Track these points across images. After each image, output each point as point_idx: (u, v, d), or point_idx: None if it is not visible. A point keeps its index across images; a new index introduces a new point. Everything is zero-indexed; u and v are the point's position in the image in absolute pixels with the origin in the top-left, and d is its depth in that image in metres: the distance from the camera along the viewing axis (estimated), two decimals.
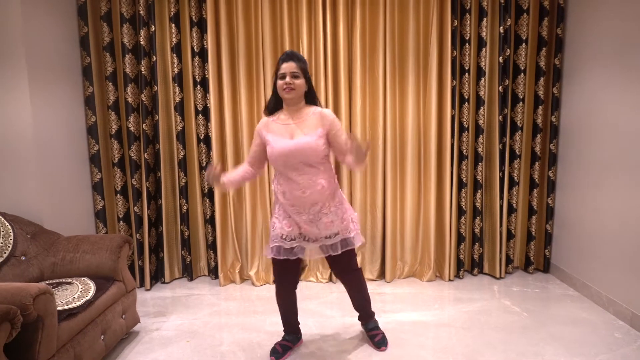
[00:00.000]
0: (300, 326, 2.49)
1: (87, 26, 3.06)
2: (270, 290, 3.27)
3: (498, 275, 3.39)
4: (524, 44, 3.22)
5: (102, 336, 2.21)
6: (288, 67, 2.03)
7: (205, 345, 2.48)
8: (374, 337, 2.44)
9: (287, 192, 2.09)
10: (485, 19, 3.14)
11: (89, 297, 2.13)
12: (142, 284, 3.31)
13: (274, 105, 2.18)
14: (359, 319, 2.55)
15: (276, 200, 2.20)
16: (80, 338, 2.03)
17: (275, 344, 2.39)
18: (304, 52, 3.14)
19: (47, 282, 2.29)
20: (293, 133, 2.08)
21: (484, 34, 3.15)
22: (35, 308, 1.70)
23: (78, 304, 2.04)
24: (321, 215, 2.12)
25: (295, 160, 2.04)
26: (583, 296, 3.05)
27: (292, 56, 2.06)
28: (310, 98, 2.16)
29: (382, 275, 3.45)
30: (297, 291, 2.38)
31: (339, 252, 2.18)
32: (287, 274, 2.27)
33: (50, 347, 1.80)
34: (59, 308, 1.93)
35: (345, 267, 2.32)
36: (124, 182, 3.27)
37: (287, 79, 2.02)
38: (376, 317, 2.55)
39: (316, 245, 2.20)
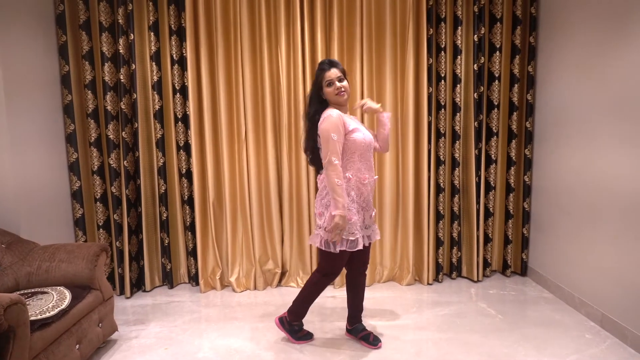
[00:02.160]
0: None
1: (66, 35, 3.07)
2: (250, 296, 3.28)
3: (476, 279, 3.45)
4: (498, 51, 3.30)
5: (78, 345, 2.21)
6: (333, 73, 2.21)
7: (182, 353, 2.49)
8: (368, 336, 2.52)
9: (369, 177, 2.29)
10: (460, 27, 3.20)
11: (63, 306, 2.13)
12: (122, 292, 3.31)
13: (315, 112, 2.27)
14: (350, 322, 2.60)
15: (349, 192, 2.22)
16: (54, 348, 2.03)
17: (298, 335, 2.56)
18: (282, 60, 3.18)
19: (22, 291, 2.28)
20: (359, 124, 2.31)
21: (459, 42, 3.22)
22: (7, 318, 1.70)
23: (52, 313, 2.04)
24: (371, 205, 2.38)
25: (370, 153, 2.33)
26: (557, 298, 3.12)
27: (334, 63, 2.25)
28: None
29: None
30: (278, 296, 2.47)
31: (376, 239, 2.43)
32: (343, 265, 2.40)
33: (22, 358, 1.80)
34: (32, 318, 1.93)
35: (366, 258, 2.51)
36: (104, 189, 3.27)
37: (337, 84, 2.20)
38: None
39: (368, 233, 2.36)
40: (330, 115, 2.17)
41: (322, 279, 2.39)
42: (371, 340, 2.50)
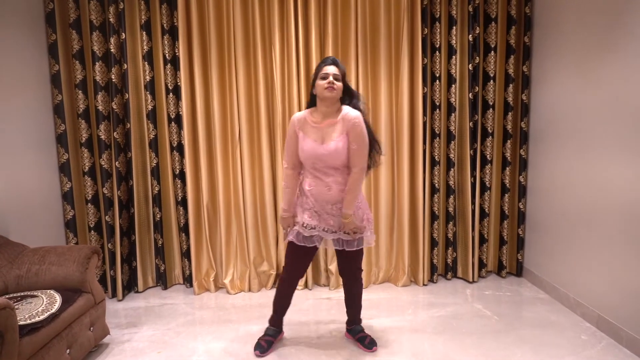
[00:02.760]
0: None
1: (56, 33, 3.02)
2: (245, 298, 3.25)
3: (471, 280, 3.44)
4: (492, 51, 3.29)
5: (68, 350, 2.16)
6: (331, 69, 2.18)
7: (176, 356, 2.45)
8: (364, 339, 2.51)
9: (314, 186, 2.23)
10: (454, 27, 3.19)
11: (53, 310, 2.08)
12: (114, 295, 3.26)
13: (308, 107, 2.34)
14: (348, 323, 2.61)
15: (301, 193, 2.31)
16: (44, 353, 1.99)
17: (259, 340, 2.49)
18: (276, 60, 3.15)
19: (11, 295, 2.23)
20: (324, 137, 2.20)
21: (453, 42, 3.21)
22: None
23: (42, 317, 2.00)
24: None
25: (322, 164, 2.20)
26: (553, 299, 3.11)
27: (335, 62, 2.21)
28: (349, 100, 2.26)
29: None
30: (272, 298, 2.49)
31: (354, 249, 2.32)
32: (298, 262, 2.39)
33: None
34: (21, 322, 1.89)
35: (354, 265, 2.44)
36: (95, 191, 3.22)
37: (330, 78, 2.15)
38: None
39: (335, 237, 2.29)
40: (291, 119, 2.28)
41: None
42: (366, 343, 2.48)
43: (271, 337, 2.51)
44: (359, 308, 2.57)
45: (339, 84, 2.17)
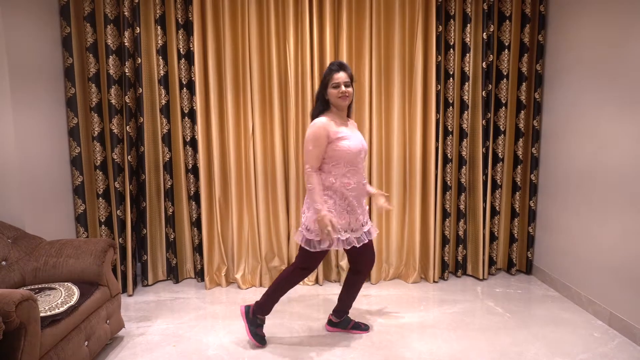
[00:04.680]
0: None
1: (70, 26, 3.01)
2: (256, 293, 3.26)
3: (481, 277, 3.45)
4: (506, 49, 3.29)
5: (86, 342, 2.17)
6: (341, 77, 2.22)
7: (191, 350, 2.46)
8: (359, 325, 2.66)
9: (354, 183, 2.29)
10: (469, 25, 3.19)
11: (72, 302, 2.09)
12: (124, 289, 3.26)
13: (319, 112, 2.31)
14: (338, 315, 2.63)
15: (331, 195, 2.27)
16: (64, 344, 2.00)
17: (256, 331, 2.51)
18: (291, 56, 3.15)
19: (29, 287, 2.24)
20: (355, 132, 2.34)
21: (467, 39, 3.21)
22: (18, 315, 1.67)
23: (61, 309, 2.01)
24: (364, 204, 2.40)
25: (362, 156, 2.32)
26: (563, 297, 3.12)
27: (344, 66, 2.25)
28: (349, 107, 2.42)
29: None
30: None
31: (373, 237, 2.43)
32: (318, 263, 2.47)
33: (33, 355, 1.76)
34: (42, 314, 1.89)
35: (372, 256, 2.52)
36: (106, 185, 3.22)
37: (342, 88, 2.21)
38: (361, 318, 2.77)
39: (357, 235, 2.34)
40: (314, 124, 2.22)
41: (298, 271, 2.42)
42: (362, 326, 2.64)
43: (262, 327, 2.56)
44: (352, 302, 2.62)
45: (351, 90, 2.27)
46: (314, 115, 2.31)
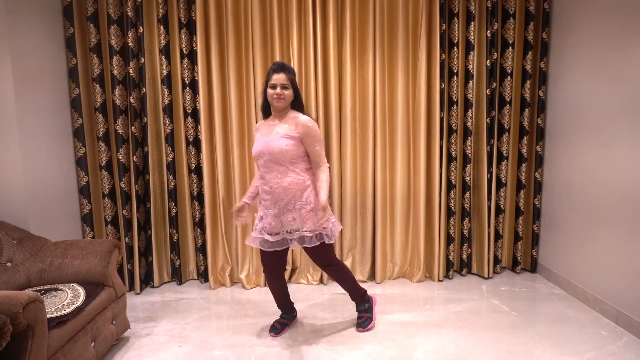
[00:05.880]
0: (294, 305, 2.77)
1: (73, 27, 3.01)
2: (261, 293, 3.26)
3: (486, 275, 3.44)
4: (510, 47, 3.28)
5: (93, 343, 2.17)
6: (279, 78, 2.23)
7: (197, 350, 2.46)
8: (359, 319, 2.68)
9: (260, 187, 2.35)
10: (473, 23, 3.18)
11: (78, 303, 2.09)
12: (131, 288, 3.27)
13: (265, 108, 2.41)
14: (353, 300, 2.71)
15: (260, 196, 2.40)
16: (71, 346, 2.00)
17: (273, 322, 2.67)
18: (294, 55, 3.14)
19: (35, 288, 2.24)
20: (271, 133, 2.30)
21: (471, 37, 3.20)
22: (25, 317, 1.66)
23: (68, 311, 2.00)
24: (285, 211, 2.29)
25: (265, 159, 2.27)
26: (569, 295, 3.11)
27: (283, 68, 2.25)
28: (297, 105, 2.36)
29: (372, 276, 3.47)
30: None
31: (308, 246, 2.35)
32: (271, 262, 2.48)
33: (40, 357, 1.76)
34: (48, 316, 1.89)
35: (320, 261, 2.51)
36: (112, 185, 3.22)
37: (278, 89, 2.23)
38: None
39: (296, 237, 2.34)
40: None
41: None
42: (358, 322, 2.68)
43: (285, 320, 2.68)
44: (352, 290, 2.63)
45: (288, 92, 2.26)
46: (263, 110, 2.41)
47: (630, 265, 2.55)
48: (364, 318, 2.66)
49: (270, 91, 2.25)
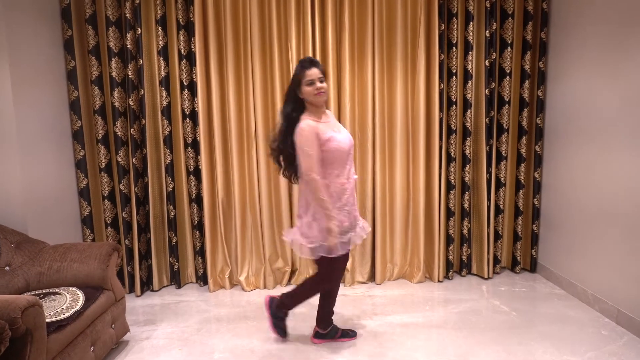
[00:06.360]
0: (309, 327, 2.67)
1: (72, 29, 3.00)
2: (260, 295, 3.24)
3: (486, 276, 3.43)
4: (509, 47, 3.28)
5: (92, 347, 2.16)
6: (314, 73, 2.15)
7: (197, 353, 2.45)
8: (347, 332, 2.59)
9: (346, 180, 2.23)
10: (471, 23, 3.17)
11: (77, 307, 2.08)
12: (131, 291, 3.25)
13: (292, 110, 2.20)
14: (324, 326, 2.55)
15: (336, 198, 2.19)
16: (70, 350, 1.99)
17: (276, 323, 2.54)
18: (293, 56, 3.13)
19: (33, 292, 2.23)
20: (334, 130, 2.23)
21: (470, 37, 3.19)
22: (24, 321, 1.65)
23: (67, 315, 2.00)
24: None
25: (352, 151, 2.29)
26: (569, 294, 3.11)
27: (313, 62, 2.19)
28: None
29: (372, 277, 3.46)
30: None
31: (367, 233, 2.41)
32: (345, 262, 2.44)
33: None
34: (47, 320, 1.88)
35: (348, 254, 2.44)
36: (112, 187, 3.21)
37: (318, 84, 2.14)
38: (367, 319, 2.75)
39: (355, 232, 2.32)
40: (303, 129, 2.11)
41: (324, 285, 2.41)
42: (350, 333, 2.58)
43: (284, 320, 2.57)
44: (298, 301, 2.50)
45: (326, 85, 2.19)
46: (289, 116, 2.19)
47: (630, 264, 2.55)
48: (348, 331, 2.59)
49: (308, 89, 2.13)
